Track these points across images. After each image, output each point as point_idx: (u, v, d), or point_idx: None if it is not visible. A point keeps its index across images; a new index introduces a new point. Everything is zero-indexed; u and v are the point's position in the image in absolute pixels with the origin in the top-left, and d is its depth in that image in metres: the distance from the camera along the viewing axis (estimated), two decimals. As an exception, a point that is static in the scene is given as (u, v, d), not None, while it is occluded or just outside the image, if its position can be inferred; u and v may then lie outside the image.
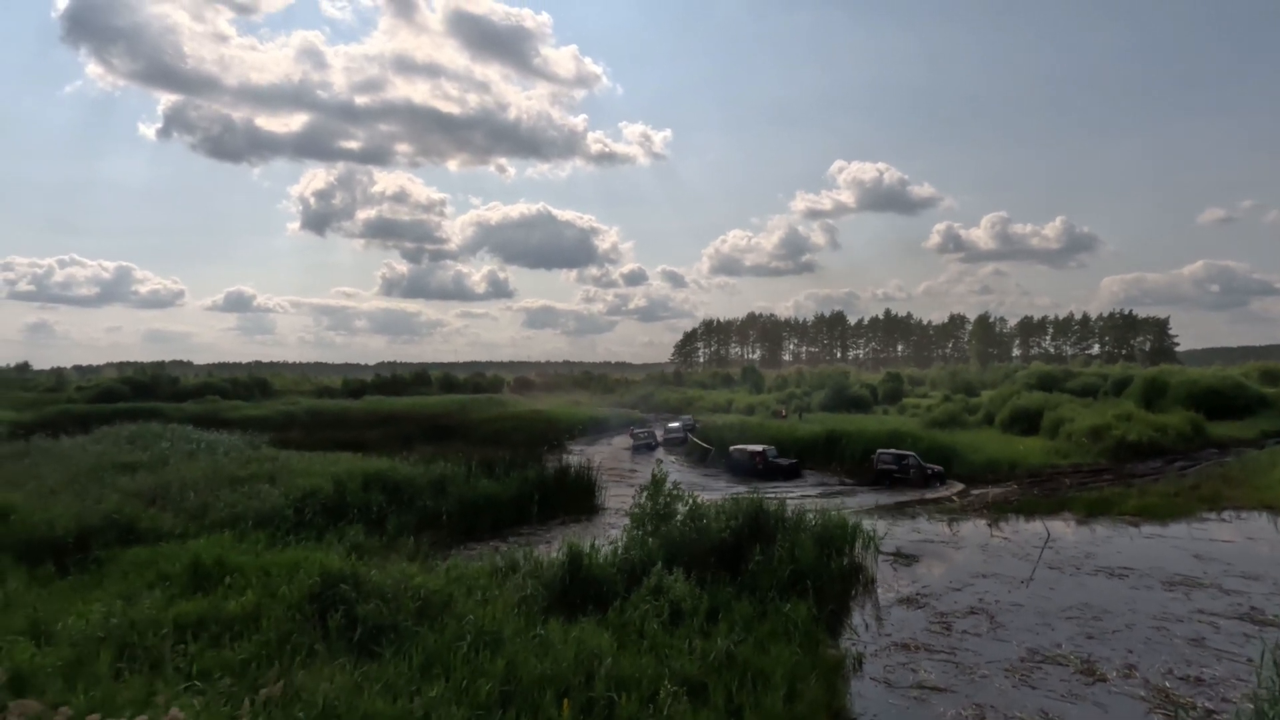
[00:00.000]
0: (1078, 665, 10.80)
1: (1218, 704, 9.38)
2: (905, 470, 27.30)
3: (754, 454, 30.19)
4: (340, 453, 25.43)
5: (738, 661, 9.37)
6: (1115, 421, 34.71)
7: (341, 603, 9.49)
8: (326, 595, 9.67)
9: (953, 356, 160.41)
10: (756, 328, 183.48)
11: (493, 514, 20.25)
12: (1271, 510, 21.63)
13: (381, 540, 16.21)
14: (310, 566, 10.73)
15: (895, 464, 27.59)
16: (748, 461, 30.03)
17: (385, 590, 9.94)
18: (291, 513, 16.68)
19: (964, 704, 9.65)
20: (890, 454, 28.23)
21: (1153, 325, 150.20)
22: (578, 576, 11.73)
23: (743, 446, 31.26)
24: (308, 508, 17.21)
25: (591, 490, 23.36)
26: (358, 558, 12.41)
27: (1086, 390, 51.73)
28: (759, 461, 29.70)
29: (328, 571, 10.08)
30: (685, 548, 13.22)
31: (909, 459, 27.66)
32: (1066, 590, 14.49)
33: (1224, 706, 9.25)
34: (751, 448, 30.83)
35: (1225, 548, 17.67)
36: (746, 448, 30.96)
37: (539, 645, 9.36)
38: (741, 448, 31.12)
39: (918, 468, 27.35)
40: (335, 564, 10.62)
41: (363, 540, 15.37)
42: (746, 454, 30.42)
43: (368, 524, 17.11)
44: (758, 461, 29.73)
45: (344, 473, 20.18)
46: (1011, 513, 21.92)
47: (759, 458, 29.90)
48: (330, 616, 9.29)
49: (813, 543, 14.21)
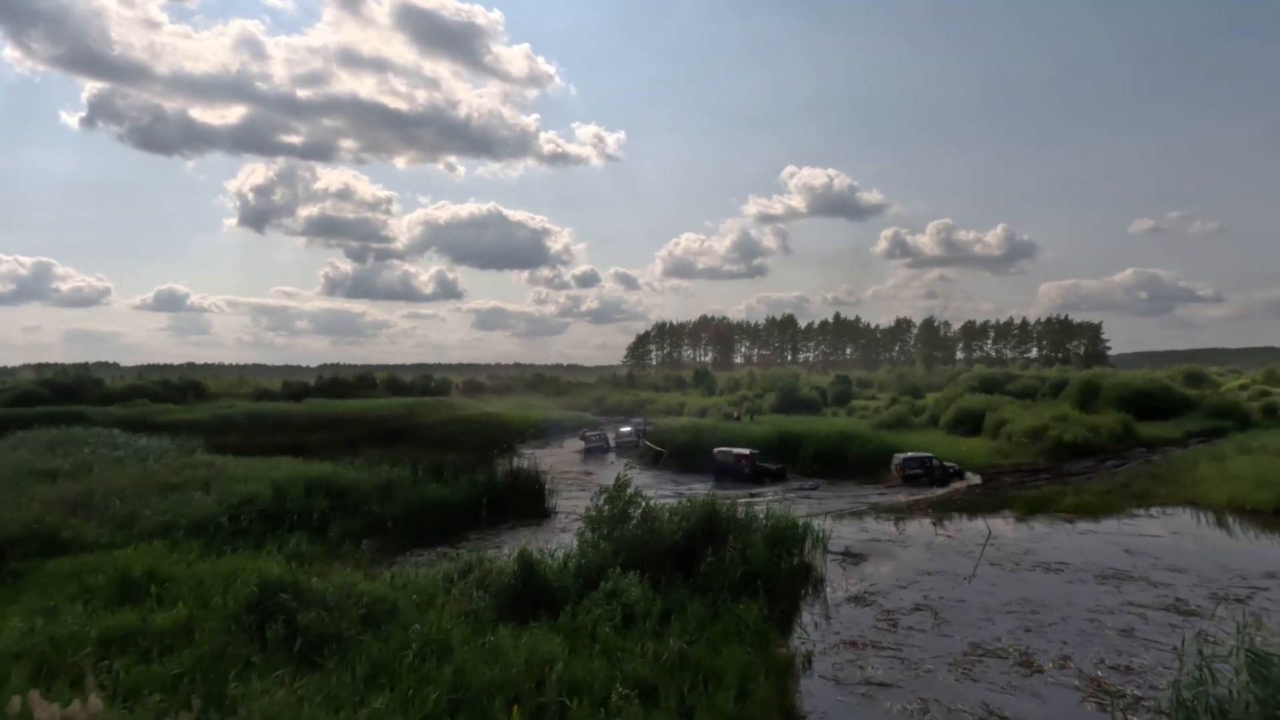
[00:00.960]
0: (1017, 658, 11.23)
1: (1145, 691, 9.88)
2: (930, 472, 28.07)
3: (740, 456, 29.46)
4: (281, 457, 24.64)
5: (690, 662, 9.43)
6: (1052, 422, 36.28)
7: (281, 612, 9.19)
8: (265, 605, 9.34)
9: (900, 359, 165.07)
10: (709, 330, 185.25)
11: (441, 519, 19.91)
12: (1195, 506, 22.90)
13: (325, 547, 15.80)
14: (247, 575, 10.37)
15: (921, 468, 28.18)
16: (734, 464, 29.40)
17: (328, 599, 9.67)
18: (227, 520, 16.08)
19: (909, 699, 9.92)
20: (915, 459, 28.66)
21: (1087, 330, 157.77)
22: (530, 582, 11.64)
23: (727, 449, 30.56)
24: (245, 515, 16.63)
25: (542, 494, 23.21)
26: (299, 566, 12.07)
27: (1026, 392, 53.90)
28: (745, 464, 29.10)
29: (266, 580, 9.74)
30: (640, 550, 13.25)
31: (930, 460, 28.55)
32: (1007, 586, 15.04)
33: (1151, 693, 9.74)
34: (737, 450, 30.11)
35: (1153, 542, 18.62)
36: (731, 450, 30.25)
37: (488, 652, 9.25)
38: (726, 450, 30.39)
39: (940, 468, 28.37)
40: (274, 572, 10.27)
41: (305, 548, 14.93)
42: (732, 456, 29.70)
43: (310, 531, 16.65)
44: (744, 464, 29.12)
45: (285, 478, 19.56)
46: (956, 512, 22.66)
47: (745, 460, 29.20)
48: (269, 627, 8.99)
49: (764, 543, 14.42)
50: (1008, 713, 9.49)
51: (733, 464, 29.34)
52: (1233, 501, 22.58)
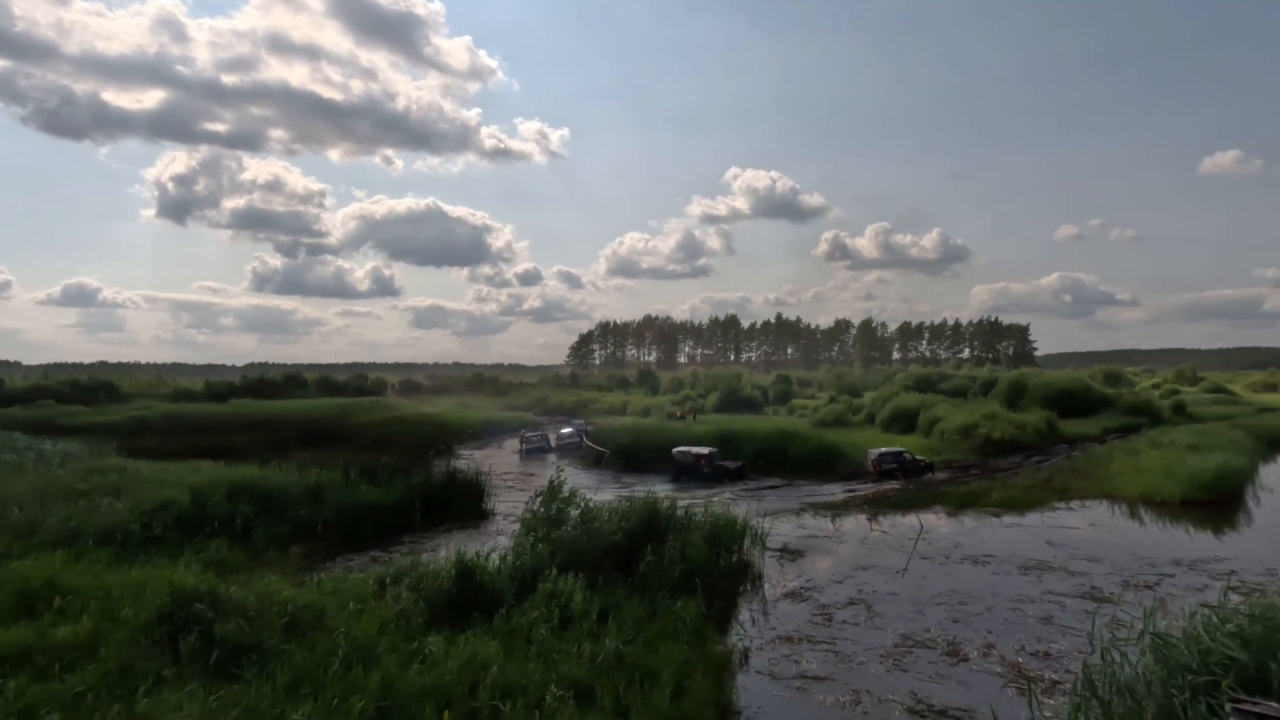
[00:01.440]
0: (944, 648, 11.68)
1: (1061, 675, 10.41)
2: (904, 466, 29.34)
3: (699, 456, 29.52)
4: (202, 461, 23.56)
5: (627, 662, 9.47)
6: (982, 420, 37.89)
7: (196, 623, 8.79)
8: (178, 616, 8.92)
9: (839, 359, 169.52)
10: (653, 330, 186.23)
11: (375, 522, 19.39)
12: (1111, 498, 24.29)
13: (248, 554, 15.20)
14: (159, 585, 9.88)
15: (895, 463, 29.43)
16: (692, 464, 29.41)
17: (248, 607, 9.30)
18: (139, 528, 15.27)
19: (842, 691, 10.21)
20: (889, 454, 29.92)
21: (1015, 331, 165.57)
22: (466, 585, 11.46)
23: (686, 449, 30.51)
24: (159, 522, 15.82)
25: (481, 496, 22.87)
26: (218, 574, 11.57)
27: (958, 391, 56.14)
28: (704, 464, 29.18)
29: (180, 590, 9.30)
30: (578, 551, 13.21)
31: (903, 454, 29.92)
32: (937, 578, 15.63)
33: (1067, 676, 10.25)
34: (696, 450, 30.12)
35: (1072, 534, 19.65)
36: (690, 450, 30.23)
37: (420, 658, 9.08)
38: (685, 450, 30.32)
39: (912, 462, 29.59)
40: (189, 581, 9.82)
41: (225, 555, 14.34)
42: (691, 456, 29.70)
43: (232, 537, 15.99)
44: (703, 464, 29.18)
45: (205, 482, 18.70)
46: (890, 508, 23.41)
47: (704, 460, 29.28)
48: (183, 639, 8.59)
49: (703, 541, 14.60)
50: (934, 701, 9.86)
51: (692, 464, 29.44)
52: (1144, 494, 24.05)
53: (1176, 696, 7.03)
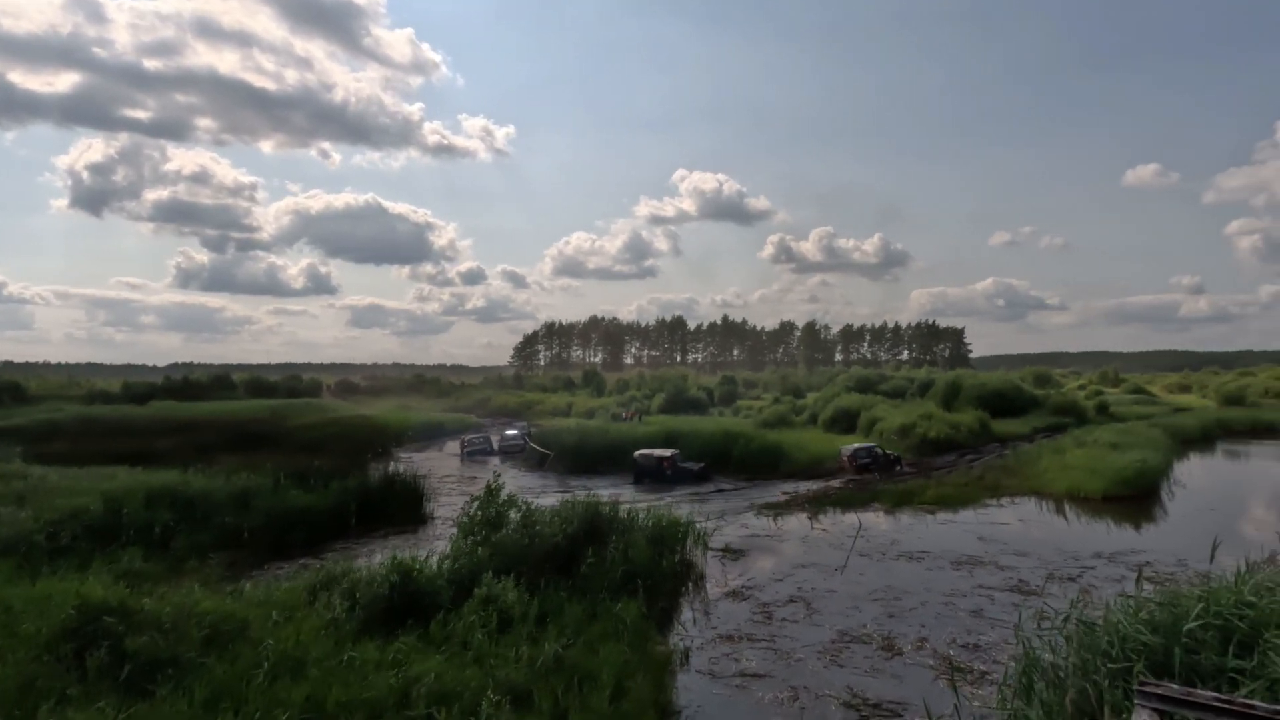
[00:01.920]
0: (880, 642, 12.01)
1: (990, 666, 10.84)
2: (877, 460, 30.74)
3: (661, 459, 29.27)
4: (118, 466, 22.34)
5: (566, 665, 9.41)
6: (919, 420, 39.15)
7: (105, 638, 8.33)
8: (86, 631, 8.44)
9: (783, 360, 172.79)
10: (599, 331, 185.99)
11: (307, 529, 18.78)
12: (1039, 495, 25.43)
13: (166, 564, 14.50)
14: (64, 598, 9.32)
15: (870, 457, 30.91)
16: (655, 467, 29.20)
17: (163, 620, 8.87)
18: (44, 538, 14.39)
19: (780, 687, 10.38)
20: (864, 449, 31.41)
21: (951, 334, 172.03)
22: (402, 590, 11.19)
23: (648, 451, 30.26)
24: (66, 531, 14.94)
25: (420, 499, 22.40)
26: (132, 585, 10.99)
27: (896, 392, 57.93)
28: (667, 466, 29.04)
29: (87, 603, 8.80)
30: (518, 554, 13.08)
31: (874, 449, 31.48)
32: (874, 575, 16.06)
33: (995, 667, 10.68)
34: (658, 452, 29.95)
35: (1003, 529, 20.48)
36: (652, 452, 30.00)
37: (350, 667, 8.83)
38: (647, 453, 30.07)
39: (884, 457, 31.04)
40: (97, 594, 9.29)
41: (140, 565, 13.63)
42: (653, 459, 29.46)
43: (149, 547, 15.22)
44: (665, 466, 29.06)
45: (120, 489, 17.77)
46: (830, 506, 23.94)
47: (667, 462, 29.05)
48: (90, 655, 8.12)
49: (646, 542, 14.65)
50: (869, 695, 10.13)
51: (654, 466, 29.27)
52: (1070, 490, 25.27)
53: (1095, 682, 7.39)
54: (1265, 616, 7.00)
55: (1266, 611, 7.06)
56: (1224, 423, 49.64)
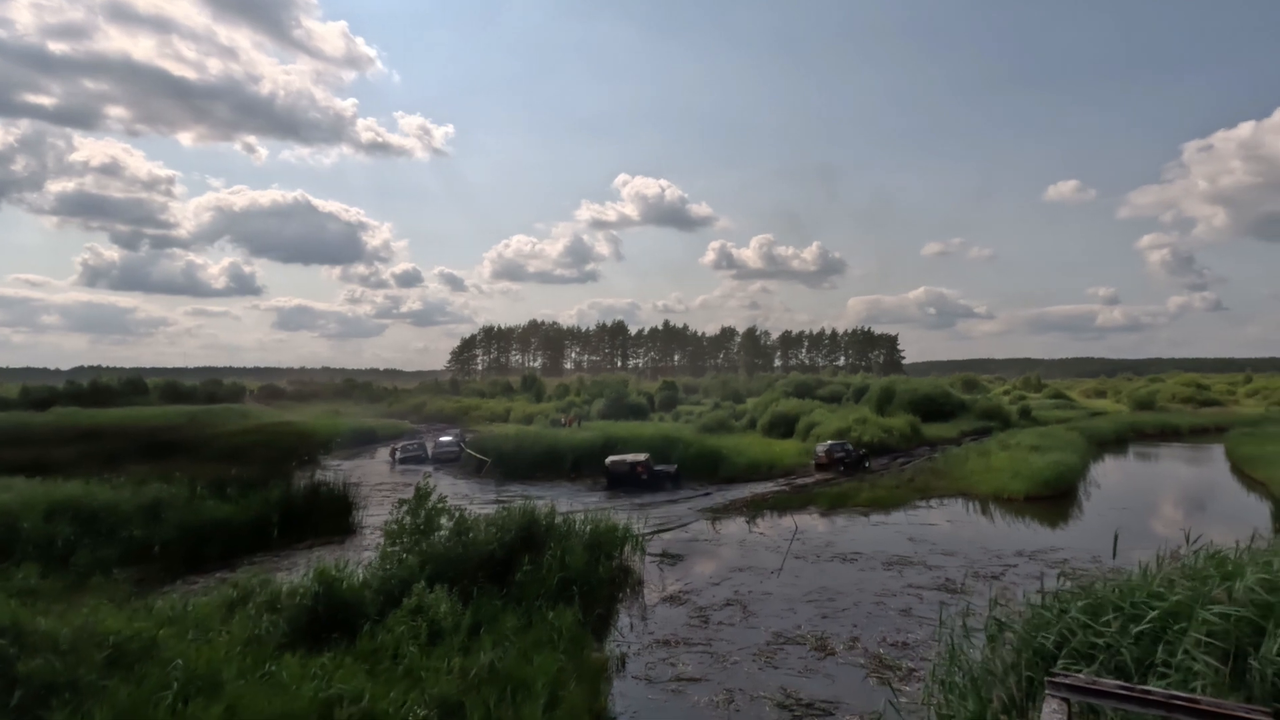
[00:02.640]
0: (814, 643, 12.29)
1: (918, 663, 11.23)
2: (849, 455, 32.81)
3: (635, 464, 29.02)
4: (14, 477, 20.85)
5: (499, 675, 9.29)
6: (854, 425, 40.34)
7: (-6, 661, 7.77)
8: (-29, 654, 7.85)
9: (724, 366, 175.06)
10: (539, 335, 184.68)
11: (223, 541, 17.97)
12: (966, 496, 26.52)
13: (66, 580, 13.62)
14: (-52, 620, 8.65)
15: (843, 452, 32.99)
16: (628, 472, 28.84)
17: (59, 641, 8.33)
18: (-76, 556, 13.33)
19: (716, 690, 10.51)
20: (838, 445, 33.45)
21: (885, 341, 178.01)
22: (326, 602, 10.83)
23: (620, 457, 29.79)
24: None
25: (348, 509, 21.74)
26: (26, 604, 10.28)
27: (833, 397, 59.55)
28: (641, 471, 28.82)
29: (-26, 623, 8.20)
30: (451, 563, 12.86)
31: (847, 445, 33.63)
32: (809, 577, 16.43)
33: (922, 664, 11.07)
34: (631, 457, 29.57)
35: (932, 530, 21.27)
36: (625, 458, 29.54)
37: (270, 684, 8.49)
38: (619, 459, 29.57)
39: (855, 452, 33.26)
40: (-13, 614, 8.66)
41: (37, 582, 12.77)
42: (626, 464, 29.06)
43: (48, 562, 14.27)
44: (640, 471, 28.79)
45: (16, 501, 16.63)
46: (767, 509, 24.38)
47: (641, 467, 28.92)
48: (-24, 680, 7.56)
49: (583, 549, 14.61)
50: (803, 695, 10.35)
51: (627, 472, 28.93)
52: (995, 491, 26.44)
53: (1014, 674, 7.76)
54: (1174, 608, 7.47)
55: (1173, 604, 7.54)
56: (1135, 426, 52.85)
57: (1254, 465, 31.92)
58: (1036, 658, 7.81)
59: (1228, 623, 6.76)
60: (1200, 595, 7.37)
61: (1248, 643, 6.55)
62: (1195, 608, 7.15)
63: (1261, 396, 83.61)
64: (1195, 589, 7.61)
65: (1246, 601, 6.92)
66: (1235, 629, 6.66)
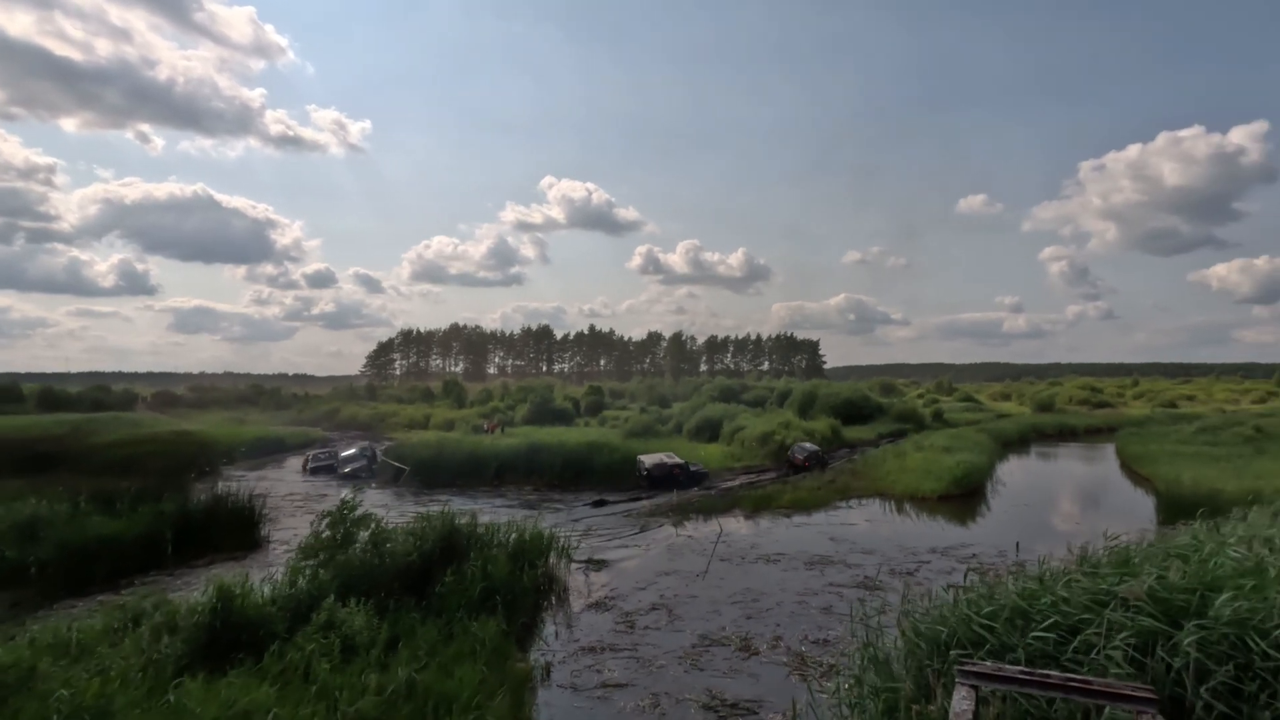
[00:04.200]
0: (738, 644, 12.56)
1: (837, 659, 11.63)
2: (815, 457, 34.90)
3: (674, 466, 31.37)
4: None
5: (419, 690, 9.08)
6: (778, 428, 41.35)
7: None
8: None
9: (650, 371, 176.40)
10: (461, 339, 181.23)
11: (111, 560, 16.81)
12: (883, 496, 27.64)
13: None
14: None
15: (807, 453, 35.23)
16: (668, 474, 30.95)
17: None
18: None
19: (642, 695, 10.59)
20: (810, 448, 35.71)
21: (808, 346, 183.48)
22: (229, 621, 10.30)
23: (661, 460, 31.66)
24: None
25: (253, 522, 20.74)
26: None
27: (757, 401, 60.98)
28: (679, 472, 31.04)
29: None
30: (365, 575, 12.46)
31: (816, 449, 36.06)
32: (734, 578, 16.76)
33: (842, 660, 11.46)
34: (670, 460, 31.79)
35: (852, 529, 22.07)
36: (665, 460, 31.65)
37: (167, 711, 8.02)
38: (661, 461, 31.56)
39: (820, 454, 35.88)
40: None
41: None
42: (667, 466, 31.16)
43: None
44: (678, 473, 31.01)
45: None
46: (693, 513, 24.72)
47: (679, 469, 31.26)
48: None
49: (506, 558, 14.45)
50: (728, 695, 10.56)
51: (668, 474, 30.98)
52: (909, 491, 27.68)
53: (927, 667, 8.15)
54: (1075, 598, 8.01)
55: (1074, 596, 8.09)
56: (1037, 427, 56.36)
57: (1140, 462, 34.63)
58: (943, 649, 8.23)
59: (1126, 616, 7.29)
60: (1103, 593, 7.93)
61: (1146, 638, 7.08)
62: (1104, 611, 7.63)
63: (1147, 399, 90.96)
64: (1095, 587, 8.17)
65: (1146, 598, 7.47)
66: (1134, 624, 7.17)
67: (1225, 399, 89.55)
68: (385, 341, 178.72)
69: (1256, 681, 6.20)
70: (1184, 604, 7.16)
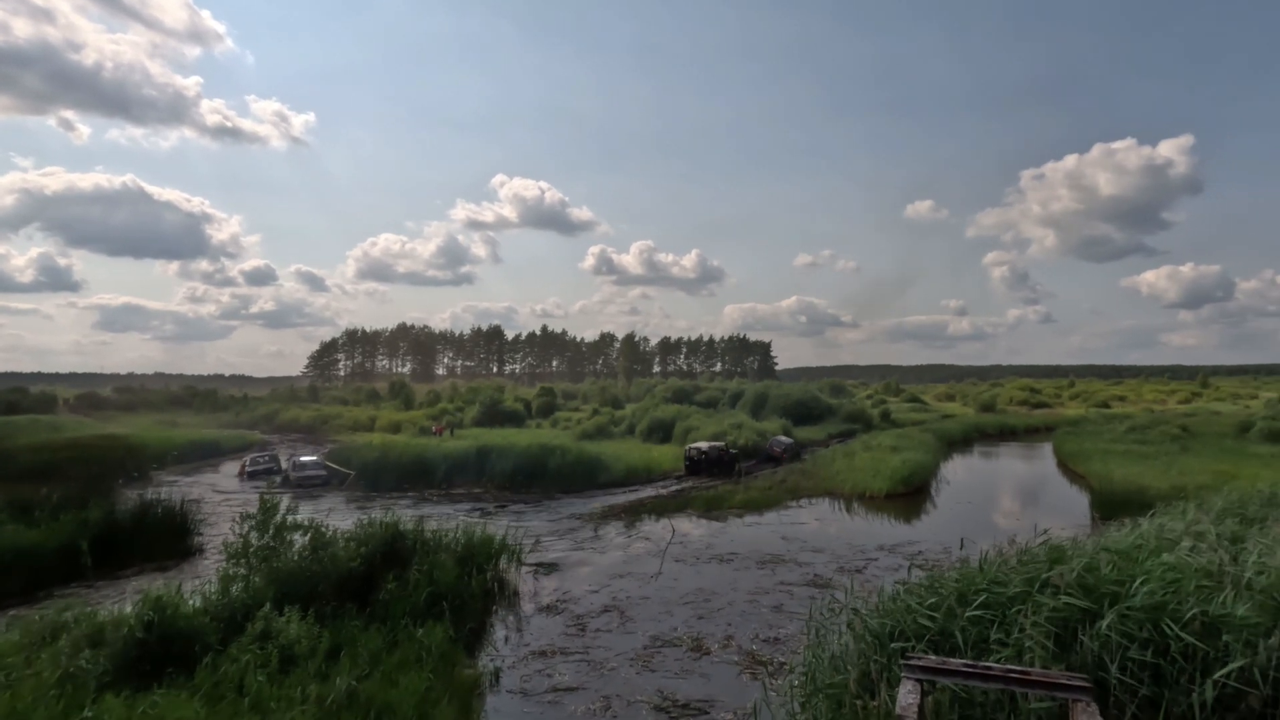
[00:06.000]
0: (690, 644, 12.59)
1: (788, 656, 11.77)
2: (791, 451, 38.67)
3: (722, 450, 34.32)
4: None
5: (361, 700, 8.83)
6: (730, 429, 41.86)
7: None
8: None
9: (603, 372, 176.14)
10: (408, 339, 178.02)
11: (27, 572, 15.93)
12: (832, 495, 28.15)
13: None
14: None
15: (784, 446, 38.97)
16: (718, 458, 33.71)
17: None
18: None
19: (593, 698, 10.52)
20: (782, 440, 39.58)
21: (760, 348, 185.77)
22: (156, 632, 9.83)
23: (715, 444, 34.85)
24: None
25: (185, 530, 19.91)
26: None
27: (710, 402, 61.51)
28: (724, 458, 33.92)
29: None
30: (304, 582, 12.09)
31: (792, 441, 40.19)
32: (686, 579, 16.81)
33: (793, 658, 11.58)
34: (717, 445, 34.82)
35: (802, 528, 22.39)
36: (716, 445, 34.65)
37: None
38: (715, 445, 34.66)
39: (795, 446, 39.69)
40: None
41: None
42: (717, 451, 34.06)
43: None
44: (725, 457, 33.96)
45: None
46: (646, 514, 24.74)
47: (725, 454, 34.14)
48: None
49: (453, 562, 14.19)
50: (679, 696, 10.57)
51: (718, 458, 33.78)
52: (858, 490, 28.26)
53: (874, 661, 8.30)
54: (1015, 592, 8.26)
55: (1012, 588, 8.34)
56: (979, 427, 58.26)
57: (1076, 460, 36.09)
58: (888, 642, 8.39)
59: (1056, 601, 7.57)
60: (1034, 580, 8.20)
61: (1075, 623, 7.35)
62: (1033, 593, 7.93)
63: (1082, 399, 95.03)
64: (1028, 575, 8.46)
65: (1076, 585, 7.76)
66: (1064, 611, 7.45)
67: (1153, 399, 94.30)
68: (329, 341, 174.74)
69: (1176, 666, 6.52)
70: (1111, 592, 7.47)
